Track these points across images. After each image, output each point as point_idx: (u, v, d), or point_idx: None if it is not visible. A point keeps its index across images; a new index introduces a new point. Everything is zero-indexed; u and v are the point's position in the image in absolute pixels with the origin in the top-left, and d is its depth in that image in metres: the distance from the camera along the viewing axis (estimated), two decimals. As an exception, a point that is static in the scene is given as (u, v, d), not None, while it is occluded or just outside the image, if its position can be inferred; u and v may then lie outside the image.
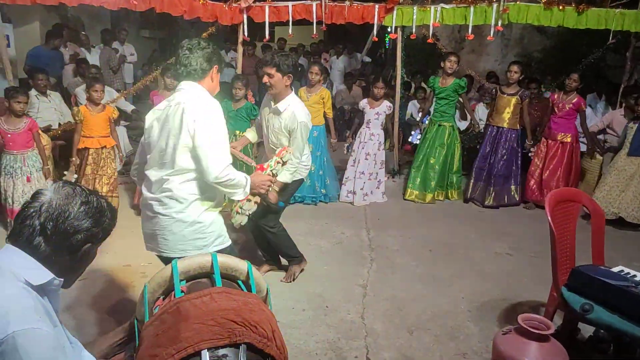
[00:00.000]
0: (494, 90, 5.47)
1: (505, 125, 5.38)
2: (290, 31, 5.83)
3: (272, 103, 3.24)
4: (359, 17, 5.69)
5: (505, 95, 5.34)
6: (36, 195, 1.30)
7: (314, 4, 5.55)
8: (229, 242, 2.33)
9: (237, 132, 4.72)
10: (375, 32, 5.89)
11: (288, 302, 3.21)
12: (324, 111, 5.28)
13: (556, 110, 5.27)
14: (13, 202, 4.14)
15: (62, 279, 1.32)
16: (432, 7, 5.61)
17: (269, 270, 3.68)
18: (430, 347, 2.84)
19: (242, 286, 1.42)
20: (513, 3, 5.40)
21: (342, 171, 5.64)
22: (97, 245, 1.37)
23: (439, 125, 5.45)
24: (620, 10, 5.35)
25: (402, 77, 6.18)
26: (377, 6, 5.64)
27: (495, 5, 5.40)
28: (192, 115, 2.06)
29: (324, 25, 5.69)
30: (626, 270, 2.48)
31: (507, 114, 5.35)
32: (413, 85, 8.24)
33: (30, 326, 1.14)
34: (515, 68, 5.23)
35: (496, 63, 9.68)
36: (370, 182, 5.38)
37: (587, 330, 2.78)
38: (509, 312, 3.24)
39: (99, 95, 4.48)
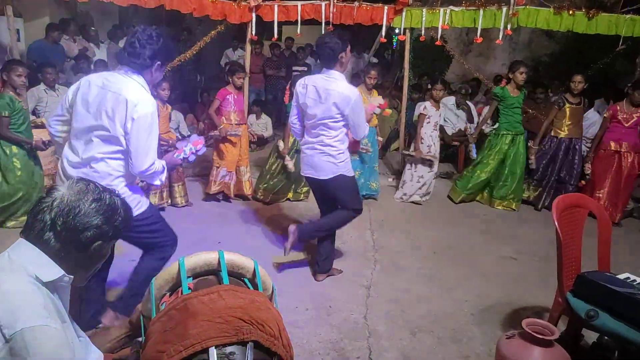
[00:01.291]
0: (560, 101, 5.33)
1: (571, 135, 5.38)
2: (298, 30, 5.83)
3: None
4: (367, 18, 5.69)
5: (573, 106, 5.29)
6: (50, 190, 1.31)
7: (323, 4, 5.55)
8: (147, 203, 2.55)
9: None
10: (383, 33, 5.89)
11: (291, 301, 3.22)
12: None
13: (622, 122, 5.11)
14: None
15: (72, 276, 1.32)
16: (441, 10, 5.60)
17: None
18: (432, 350, 2.83)
19: (249, 284, 1.42)
20: (523, 7, 5.39)
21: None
22: (109, 243, 1.37)
23: (516, 135, 5.38)
24: (630, 16, 5.33)
25: (410, 79, 6.17)
26: (386, 7, 5.64)
27: (504, 9, 5.39)
28: (131, 110, 2.20)
29: (331, 26, 5.69)
30: (632, 277, 2.47)
31: (571, 124, 5.34)
32: (423, 87, 8.22)
33: (38, 323, 1.14)
34: (579, 78, 5.17)
35: (503, 67, 9.65)
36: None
37: (590, 337, 2.77)
38: (513, 317, 3.23)
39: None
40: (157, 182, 2.49)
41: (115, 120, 2.23)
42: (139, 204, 2.44)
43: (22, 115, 4.19)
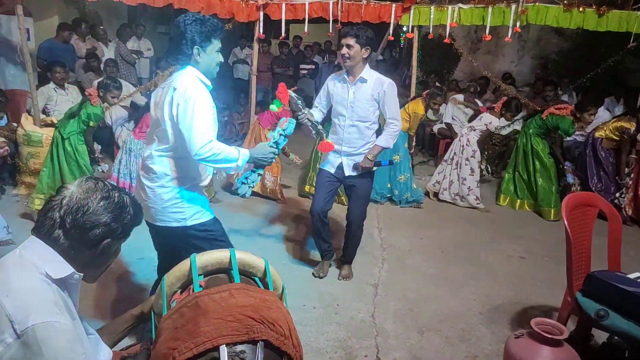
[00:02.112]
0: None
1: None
2: (306, 29, 5.83)
3: (350, 77, 3.27)
4: (375, 16, 5.67)
5: None
6: (61, 188, 1.33)
7: (331, 2, 5.55)
8: (210, 216, 2.40)
9: None
10: (391, 31, 5.87)
11: (299, 299, 3.22)
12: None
13: None
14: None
15: (82, 274, 1.33)
16: (450, 7, 5.57)
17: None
18: (440, 349, 2.83)
19: (259, 283, 1.43)
20: (532, 4, 5.34)
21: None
22: (119, 241, 1.37)
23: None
24: (641, 12, 5.27)
25: (418, 77, 6.15)
26: (394, 5, 5.62)
27: (513, 6, 5.34)
28: (177, 97, 2.15)
29: (339, 24, 5.68)
30: (643, 277, 2.44)
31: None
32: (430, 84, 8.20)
33: (49, 319, 1.16)
34: None
35: (512, 64, 9.60)
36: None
37: (600, 337, 2.75)
38: (521, 316, 3.22)
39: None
40: (231, 171, 2.43)
41: (166, 113, 2.20)
42: (197, 214, 2.34)
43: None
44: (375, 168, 3.40)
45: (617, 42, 6.18)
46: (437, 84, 7.85)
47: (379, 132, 3.41)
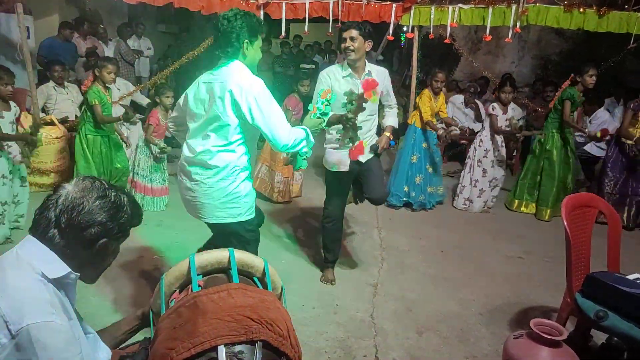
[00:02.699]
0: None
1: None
2: (306, 28, 5.82)
3: (355, 73, 3.22)
4: (375, 15, 5.66)
5: None
6: (57, 187, 1.31)
7: (331, 1, 5.54)
8: (254, 215, 2.45)
9: None
10: (391, 31, 5.87)
11: (298, 299, 3.22)
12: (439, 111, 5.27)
13: None
14: None
15: (79, 274, 1.32)
16: (450, 7, 5.56)
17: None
18: (439, 349, 2.83)
19: (258, 283, 1.43)
20: (532, 5, 5.34)
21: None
22: (116, 241, 1.36)
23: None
24: (642, 13, 5.26)
25: (418, 77, 6.14)
26: (394, 5, 5.61)
27: (514, 7, 5.33)
28: (244, 94, 2.17)
29: (339, 24, 5.68)
30: (642, 278, 2.44)
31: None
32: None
33: (44, 319, 1.15)
34: None
35: (512, 65, 9.59)
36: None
37: (599, 338, 2.75)
38: (520, 317, 3.22)
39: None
40: (307, 150, 2.44)
41: (228, 110, 2.22)
42: (250, 209, 2.41)
43: (106, 107, 4.50)
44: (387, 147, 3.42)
45: (617, 43, 6.18)
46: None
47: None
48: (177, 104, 2.57)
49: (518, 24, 5.41)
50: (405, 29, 5.87)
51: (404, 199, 5.27)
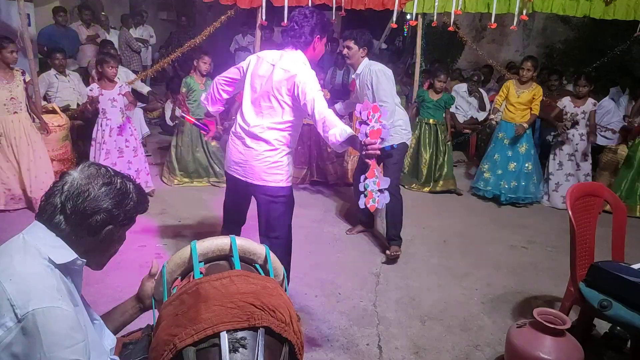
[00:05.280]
0: None
1: None
2: (309, 16, 5.76)
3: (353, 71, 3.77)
4: (379, 3, 5.59)
5: None
6: (63, 174, 1.31)
7: (334, -12, 5.47)
8: (290, 183, 2.73)
9: (431, 120, 5.46)
10: (394, 18, 5.80)
11: (301, 287, 3.22)
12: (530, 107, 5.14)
13: None
14: None
15: (85, 260, 1.32)
16: (455, -6, 5.49)
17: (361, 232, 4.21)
18: (442, 338, 2.83)
19: (260, 270, 1.42)
20: (538, -8, 5.26)
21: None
22: (122, 228, 1.35)
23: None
24: (650, 0, 5.18)
25: (422, 66, 6.09)
26: (398, -8, 5.54)
27: (519, -6, 5.26)
28: (298, 82, 2.43)
29: (342, 11, 5.62)
30: (647, 267, 2.43)
31: None
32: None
33: (50, 305, 1.15)
34: None
35: (517, 53, 9.50)
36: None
37: (602, 327, 2.74)
38: (523, 306, 3.22)
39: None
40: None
41: (284, 94, 2.49)
42: (289, 177, 2.70)
43: (196, 94, 4.88)
44: None
45: (623, 32, 6.11)
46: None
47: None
48: (238, 68, 2.77)
49: (524, 12, 5.34)
50: (408, 16, 5.78)
51: (495, 192, 5.21)
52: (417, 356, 2.66)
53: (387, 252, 3.72)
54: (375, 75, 3.54)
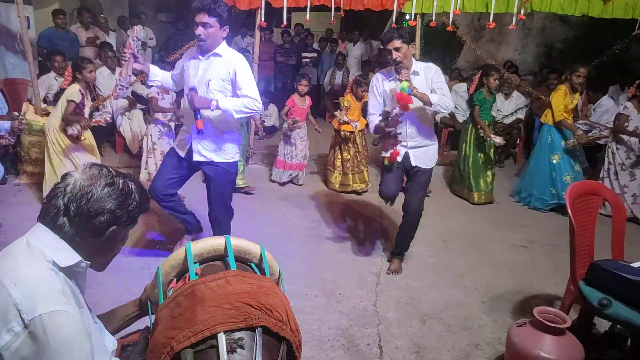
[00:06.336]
0: None
1: None
2: (307, 17, 5.77)
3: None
4: (378, 3, 5.60)
5: None
6: (65, 176, 1.30)
7: (333, -11, 5.48)
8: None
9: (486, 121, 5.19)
10: (394, 18, 5.80)
11: (301, 288, 3.22)
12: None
13: None
14: None
15: (89, 262, 1.32)
16: (453, -6, 5.48)
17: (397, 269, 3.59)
18: (442, 337, 2.82)
19: (256, 269, 1.42)
20: (537, -9, 5.26)
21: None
22: (125, 228, 1.35)
23: None
24: (649, -1, 5.17)
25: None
26: (397, -8, 5.54)
27: (518, -7, 5.26)
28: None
29: (341, 12, 5.62)
30: (647, 265, 2.42)
31: None
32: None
33: (57, 308, 1.14)
34: None
35: (516, 53, 9.49)
36: None
37: (602, 325, 2.74)
38: (523, 305, 3.21)
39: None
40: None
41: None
42: (237, 154, 3.15)
43: None
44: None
45: (622, 30, 6.10)
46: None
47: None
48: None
49: (522, 11, 5.34)
50: (407, 16, 5.78)
51: (553, 201, 5.00)
52: (417, 356, 2.66)
53: (387, 270, 3.58)
54: (434, 71, 3.24)
